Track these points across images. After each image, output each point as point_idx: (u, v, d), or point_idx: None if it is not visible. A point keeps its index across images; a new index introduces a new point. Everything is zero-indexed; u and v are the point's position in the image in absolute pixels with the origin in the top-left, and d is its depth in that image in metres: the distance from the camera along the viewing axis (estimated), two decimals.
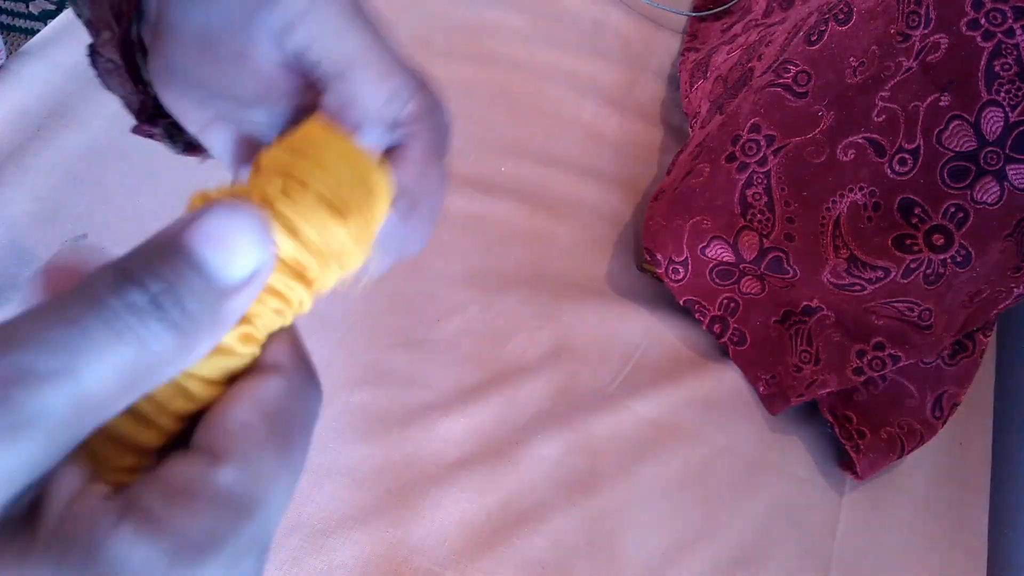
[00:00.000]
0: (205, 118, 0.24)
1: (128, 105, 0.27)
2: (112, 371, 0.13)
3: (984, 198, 0.50)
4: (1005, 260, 0.52)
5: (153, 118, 0.28)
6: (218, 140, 0.24)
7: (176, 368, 0.15)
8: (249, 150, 0.24)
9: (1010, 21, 0.47)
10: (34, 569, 0.13)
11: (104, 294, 0.14)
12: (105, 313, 0.13)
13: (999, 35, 0.47)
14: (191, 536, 0.14)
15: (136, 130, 0.28)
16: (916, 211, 0.51)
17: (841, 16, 0.53)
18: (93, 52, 0.26)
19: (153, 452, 0.17)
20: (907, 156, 0.51)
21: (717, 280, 0.57)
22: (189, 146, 0.28)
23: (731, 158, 0.55)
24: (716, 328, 0.58)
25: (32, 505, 0.14)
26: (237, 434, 0.16)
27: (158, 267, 0.14)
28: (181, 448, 0.16)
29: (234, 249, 0.15)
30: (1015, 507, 0.59)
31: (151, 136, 0.28)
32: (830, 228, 0.53)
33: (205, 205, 0.15)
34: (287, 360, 0.18)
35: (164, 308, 0.14)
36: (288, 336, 0.18)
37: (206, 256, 0.15)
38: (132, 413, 0.16)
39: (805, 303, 0.56)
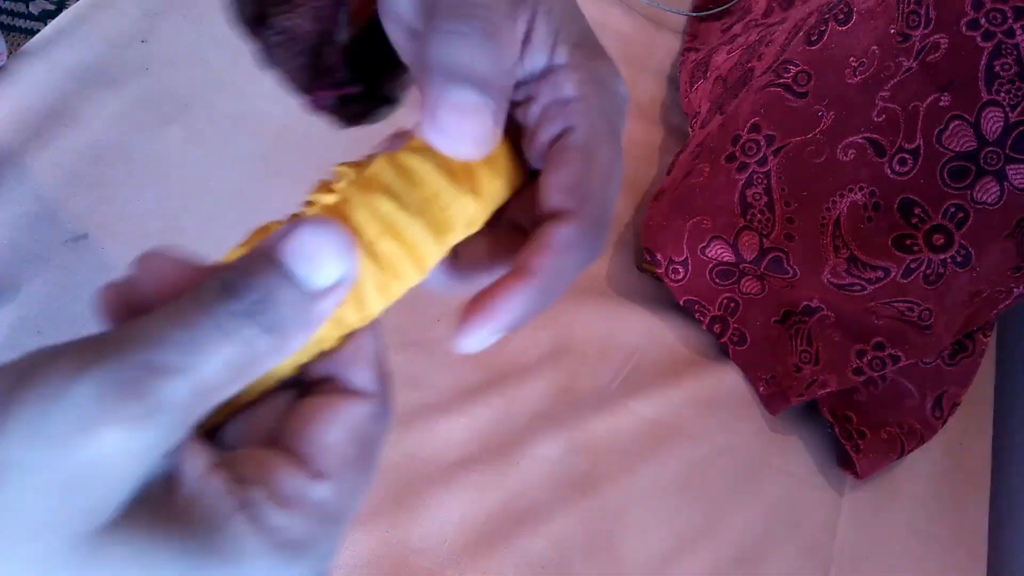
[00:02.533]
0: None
1: (292, 79, 0.28)
2: (223, 365, 0.16)
3: (984, 198, 0.50)
4: (1005, 260, 0.52)
5: (326, 84, 0.28)
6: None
7: (275, 361, 0.17)
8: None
9: (1010, 21, 0.47)
10: (164, 539, 0.15)
11: (213, 303, 0.16)
12: (215, 319, 0.16)
13: (999, 35, 0.47)
14: (293, 537, 0.17)
15: (308, 103, 0.28)
16: (916, 211, 0.51)
17: (841, 16, 0.53)
18: (259, 28, 0.26)
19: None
20: (907, 156, 0.51)
21: (717, 280, 0.57)
22: (355, 116, 0.29)
23: (731, 158, 0.55)
24: (716, 328, 0.58)
25: (166, 479, 0.16)
26: (334, 454, 0.18)
27: (255, 279, 0.17)
28: (283, 449, 0.18)
29: (320, 261, 0.17)
30: (1015, 507, 0.59)
31: (322, 109, 0.28)
32: (830, 228, 0.53)
33: (293, 221, 0.18)
34: (375, 387, 0.20)
35: (261, 314, 0.16)
36: (378, 361, 0.20)
37: (295, 268, 0.17)
38: None
39: (805, 303, 0.56)
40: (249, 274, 0.17)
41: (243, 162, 0.54)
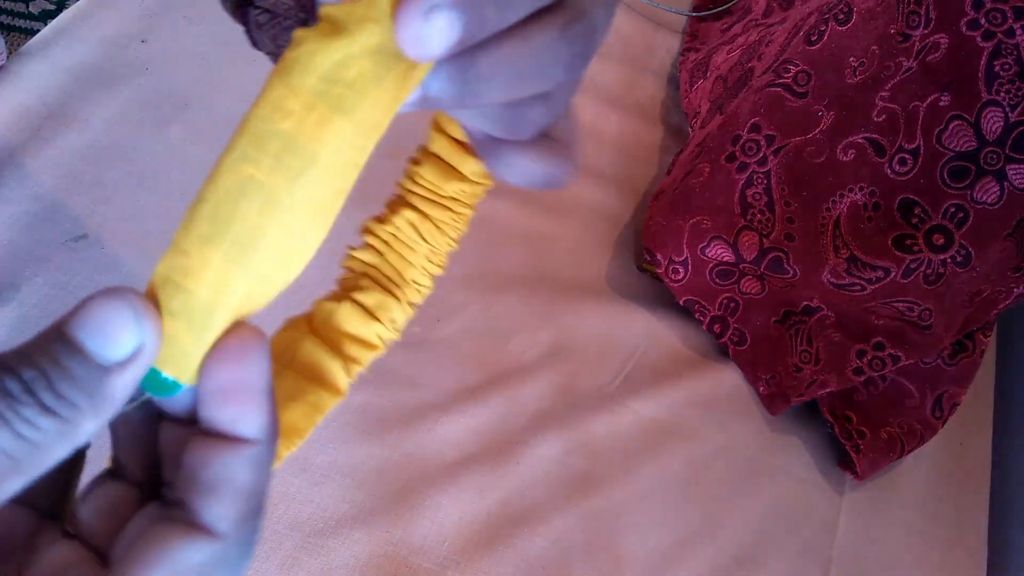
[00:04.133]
0: None
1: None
2: None
3: (984, 198, 0.50)
4: (1005, 260, 0.52)
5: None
6: None
7: (64, 447, 0.16)
8: None
9: (1010, 21, 0.47)
10: None
11: None
12: None
13: (999, 35, 0.47)
14: None
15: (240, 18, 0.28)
16: (916, 211, 0.51)
17: (841, 16, 0.53)
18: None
19: None
20: (907, 156, 0.51)
21: (717, 280, 0.57)
22: None
23: (731, 158, 0.55)
24: (716, 328, 0.58)
25: None
26: None
27: (33, 355, 0.15)
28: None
29: (112, 332, 0.16)
30: (1015, 507, 0.59)
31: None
32: (830, 228, 0.53)
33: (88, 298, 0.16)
34: (227, 527, 0.17)
35: (36, 394, 0.15)
36: (245, 497, 0.18)
37: (85, 340, 0.16)
38: None
39: (805, 303, 0.56)
40: (27, 352, 0.15)
41: None
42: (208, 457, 0.17)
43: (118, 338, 0.16)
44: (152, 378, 0.17)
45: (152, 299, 0.17)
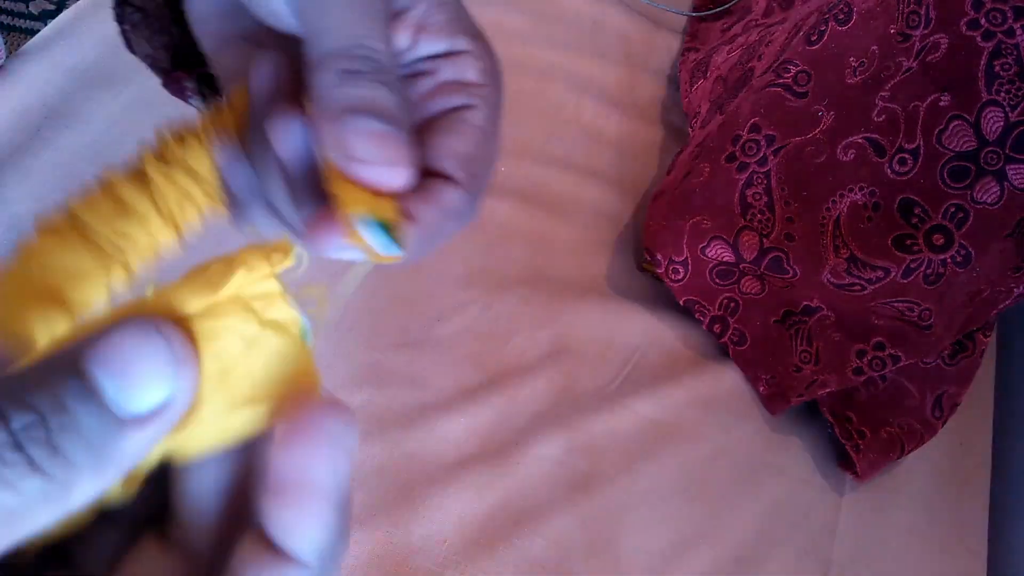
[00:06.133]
0: (230, 30, 0.24)
1: (155, 63, 0.28)
2: None
3: (984, 198, 0.50)
4: (1005, 260, 0.52)
5: (185, 68, 0.28)
6: (237, 64, 0.24)
7: (45, 516, 0.12)
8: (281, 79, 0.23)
9: (1010, 21, 0.47)
10: None
11: None
12: None
13: (999, 35, 0.47)
14: None
15: (168, 85, 0.28)
16: (916, 211, 0.51)
17: (841, 16, 0.53)
18: (120, 4, 0.26)
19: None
20: (907, 156, 0.51)
21: (717, 280, 0.57)
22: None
23: (731, 158, 0.55)
24: (716, 328, 0.57)
25: None
26: None
27: (34, 392, 0.12)
28: None
29: (138, 376, 0.13)
30: (1015, 507, 0.59)
31: (183, 93, 0.28)
32: (830, 228, 0.53)
33: (115, 320, 0.13)
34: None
35: (25, 448, 0.12)
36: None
37: (101, 381, 0.12)
38: None
39: (805, 303, 0.56)
40: (33, 382, 0.12)
41: None
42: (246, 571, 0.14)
43: (146, 385, 0.13)
44: None
45: (188, 335, 0.14)
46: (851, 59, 0.52)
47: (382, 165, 0.19)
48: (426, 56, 0.23)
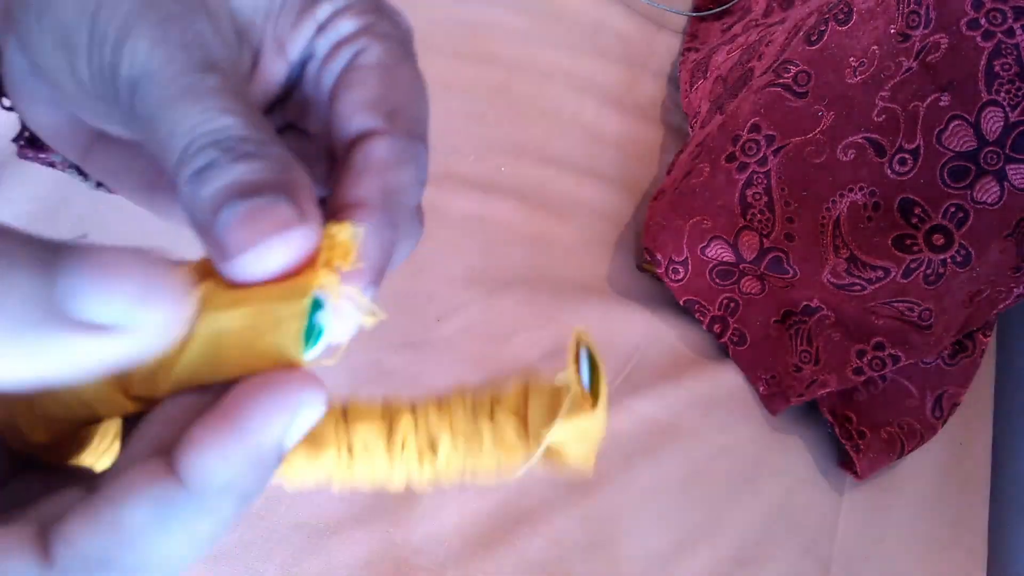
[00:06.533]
0: (84, 139, 0.21)
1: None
2: None
3: (984, 198, 0.50)
4: (1005, 260, 0.52)
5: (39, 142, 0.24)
6: (108, 166, 0.21)
7: None
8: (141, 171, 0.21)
9: (1010, 21, 0.47)
10: None
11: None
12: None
13: (999, 35, 0.47)
14: None
15: (25, 156, 0.24)
16: (916, 211, 0.51)
17: (841, 16, 0.53)
18: None
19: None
20: (907, 156, 0.51)
21: (717, 280, 0.57)
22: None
23: (731, 158, 0.55)
24: (716, 328, 0.58)
25: None
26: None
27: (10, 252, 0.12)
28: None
29: (100, 286, 0.12)
30: (1015, 507, 0.59)
31: (51, 164, 0.24)
32: (830, 228, 0.53)
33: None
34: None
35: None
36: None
37: (64, 271, 0.12)
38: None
39: (805, 303, 0.56)
40: (26, 245, 0.12)
41: None
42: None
43: (102, 298, 0.12)
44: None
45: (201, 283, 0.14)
46: (851, 59, 0.52)
47: (268, 240, 0.15)
48: (301, 51, 0.20)
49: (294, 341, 0.15)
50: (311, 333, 0.16)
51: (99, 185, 0.25)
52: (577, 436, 0.20)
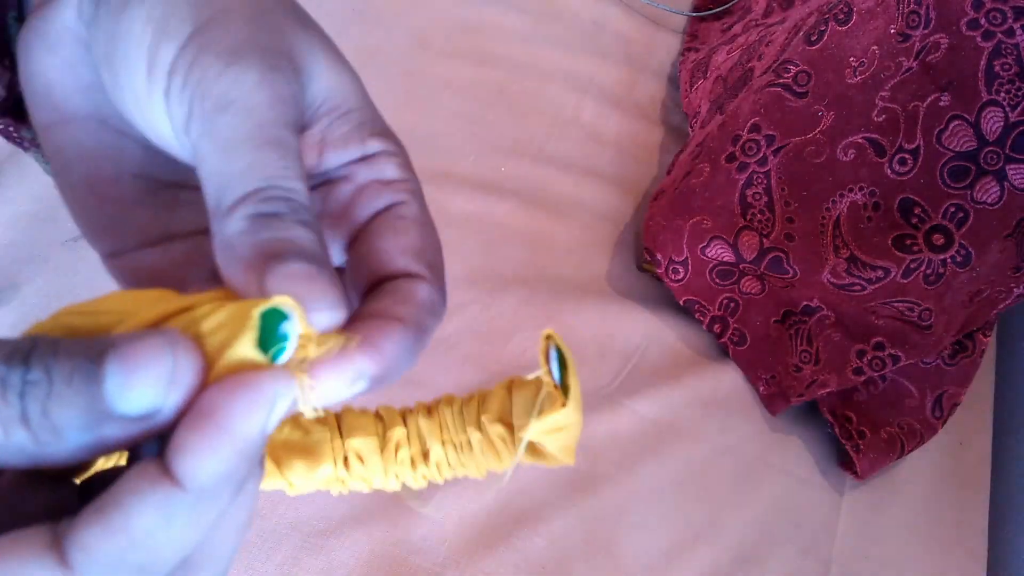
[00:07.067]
0: (72, 111, 0.21)
1: None
2: None
3: (984, 198, 0.50)
4: (1005, 260, 0.52)
5: (16, 115, 0.25)
6: (71, 147, 0.22)
7: (28, 460, 0.14)
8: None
9: (1010, 21, 0.47)
10: None
11: None
12: None
13: (999, 35, 0.47)
14: None
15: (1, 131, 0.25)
16: (916, 211, 0.51)
17: (841, 16, 0.53)
18: None
19: None
20: (907, 156, 0.51)
21: (717, 280, 0.57)
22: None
23: (731, 158, 0.55)
24: (716, 328, 0.58)
25: None
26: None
27: (55, 360, 0.14)
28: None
29: (138, 384, 0.14)
30: (1015, 507, 0.59)
31: (20, 143, 0.25)
32: (830, 228, 0.53)
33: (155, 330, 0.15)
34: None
35: (25, 398, 0.13)
36: None
37: (109, 375, 0.14)
38: None
39: (805, 303, 0.56)
40: (64, 353, 0.14)
41: None
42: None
43: (140, 394, 0.14)
44: None
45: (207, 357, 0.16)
46: (851, 59, 0.52)
47: (315, 308, 0.17)
48: (337, 165, 0.22)
49: (251, 347, 0.16)
50: (277, 341, 0.17)
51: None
52: (554, 432, 0.20)
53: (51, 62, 0.21)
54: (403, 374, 0.22)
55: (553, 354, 0.22)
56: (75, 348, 0.14)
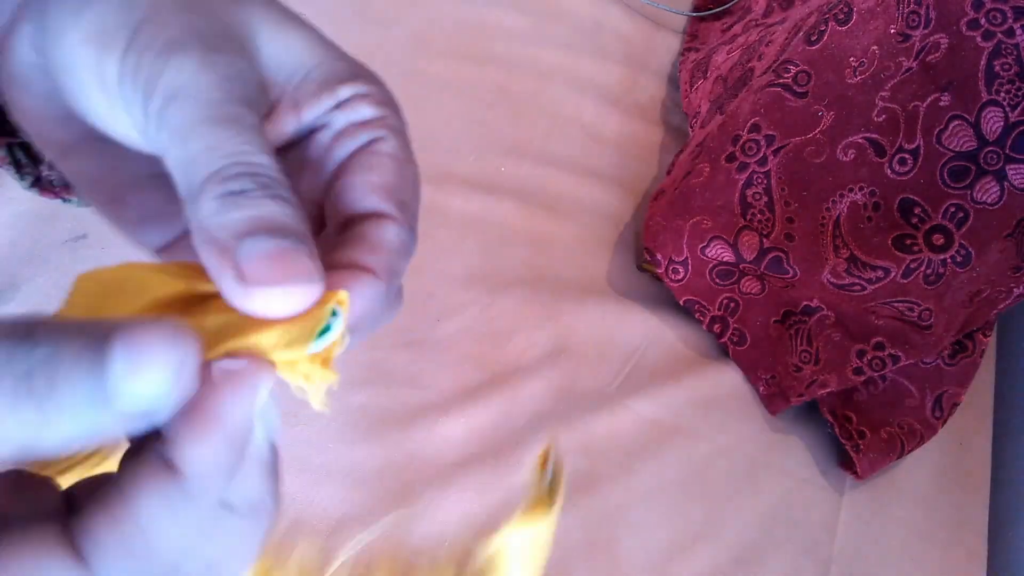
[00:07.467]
0: (69, 137, 0.22)
1: None
2: None
3: (984, 198, 0.50)
4: (1005, 260, 0.52)
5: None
6: (85, 169, 0.22)
7: (13, 444, 0.14)
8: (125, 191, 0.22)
9: (1010, 21, 0.47)
10: None
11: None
12: None
13: (999, 35, 0.47)
14: None
15: None
16: (916, 211, 0.51)
17: (841, 16, 0.53)
18: None
19: None
20: (907, 156, 0.51)
21: (717, 280, 0.57)
22: (41, 181, 0.26)
23: (731, 158, 0.55)
24: (716, 328, 0.58)
25: None
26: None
27: (66, 340, 0.14)
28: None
29: (140, 371, 0.14)
30: (1015, 507, 0.59)
31: None
32: (830, 228, 0.53)
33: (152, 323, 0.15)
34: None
35: (33, 376, 0.13)
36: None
37: (115, 363, 0.14)
38: None
39: (805, 303, 0.56)
40: (65, 331, 0.14)
41: None
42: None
43: (143, 389, 0.14)
44: None
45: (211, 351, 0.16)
46: (851, 59, 0.52)
47: (290, 284, 0.17)
48: (313, 118, 0.22)
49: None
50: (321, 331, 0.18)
51: (33, 185, 0.25)
52: (528, 542, 0.21)
53: (30, 102, 0.21)
54: (388, 321, 0.21)
55: (550, 465, 0.23)
56: (91, 328, 0.14)
